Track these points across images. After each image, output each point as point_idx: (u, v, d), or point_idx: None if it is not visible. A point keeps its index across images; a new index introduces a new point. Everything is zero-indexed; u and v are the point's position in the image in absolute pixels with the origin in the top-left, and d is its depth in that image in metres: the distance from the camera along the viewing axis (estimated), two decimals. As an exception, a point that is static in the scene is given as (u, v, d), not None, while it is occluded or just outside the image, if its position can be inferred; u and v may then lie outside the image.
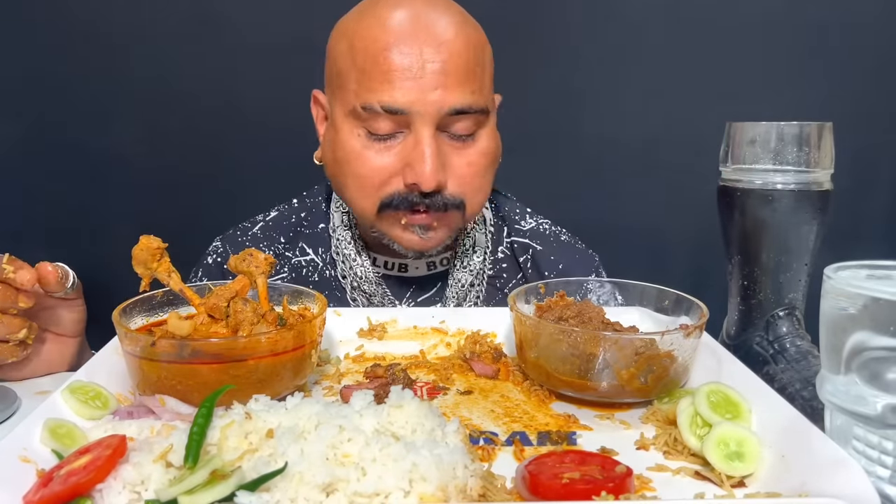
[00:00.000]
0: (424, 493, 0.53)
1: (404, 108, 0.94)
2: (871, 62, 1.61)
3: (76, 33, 1.54)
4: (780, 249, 0.89)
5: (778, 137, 0.87)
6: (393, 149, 0.98)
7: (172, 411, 0.67)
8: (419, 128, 0.96)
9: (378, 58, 0.95)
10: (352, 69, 0.98)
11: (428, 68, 0.94)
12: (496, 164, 1.06)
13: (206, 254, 1.19)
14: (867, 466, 0.62)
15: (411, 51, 0.94)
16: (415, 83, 0.94)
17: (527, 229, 1.23)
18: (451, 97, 0.95)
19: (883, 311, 0.59)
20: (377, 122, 0.97)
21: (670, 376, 0.76)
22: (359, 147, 0.99)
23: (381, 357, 0.91)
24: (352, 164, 1.00)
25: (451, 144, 1.00)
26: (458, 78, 0.95)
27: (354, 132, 0.99)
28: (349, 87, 0.98)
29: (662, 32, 1.59)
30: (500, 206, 1.26)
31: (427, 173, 0.95)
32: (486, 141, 1.02)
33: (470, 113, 0.97)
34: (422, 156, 0.95)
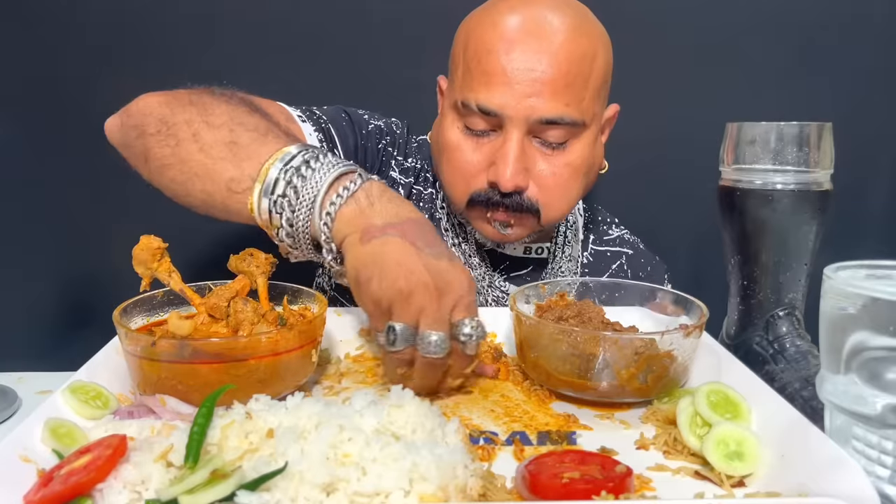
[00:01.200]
0: (424, 492, 0.53)
1: (497, 110, 0.98)
2: (870, 62, 1.61)
3: (76, 33, 1.55)
4: (780, 249, 0.89)
5: (778, 137, 0.87)
6: (485, 146, 1.03)
7: (173, 411, 0.67)
8: (509, 130, 0.99)
9: (482, 58, 0.99)
10: (461, 63, 1.03)
11: (526, 76, 0.97)
12: (587, 175, 1.08)
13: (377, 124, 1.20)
14: (867, 466, 0.62)
15: (514, 57, 0.97)
16: (510, 89, 0.97)
17: (615, 237, 1.31)
18: (544, 107, 0.98)
19: (883, 311, 0.59)
20: (473, 119, 1.02)
21: (670, 376, 0.76)
22: (456, 140, 1.05)
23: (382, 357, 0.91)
24: (449, 154, 1.06)
25: (541, 150, 1.02)
26: (554, 89, 0.97)
27: (455, 125, 1.05)
28: (456, 80, 1.05)
29: (662, 32, 1.59)
30: (593, 214, 1.32)
31: (507, 175, 0.99)
32: (577, 152, 1.04)
33: (561, 124, 0.99)
34: (505, 157, 1.00)
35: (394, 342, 0.72)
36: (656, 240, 1.47)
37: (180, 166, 0.85)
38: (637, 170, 1.59)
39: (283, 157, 0.79)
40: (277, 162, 0.78)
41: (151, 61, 1.56)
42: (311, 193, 0.77)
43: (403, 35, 1.56)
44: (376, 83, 1.56)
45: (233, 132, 0.84)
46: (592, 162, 1.09)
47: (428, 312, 0.72)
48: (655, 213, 1.61)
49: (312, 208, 0.77)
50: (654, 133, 1.58)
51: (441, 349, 0.72)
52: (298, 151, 0.79)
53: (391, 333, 0.72)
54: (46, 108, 1.57)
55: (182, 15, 1.56)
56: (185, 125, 0.86)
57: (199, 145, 0.84)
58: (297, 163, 0.78)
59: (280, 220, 0.78)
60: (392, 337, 0.72)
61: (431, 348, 0.72)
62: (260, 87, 1.43)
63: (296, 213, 0.77)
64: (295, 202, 0.77)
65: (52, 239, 1.62)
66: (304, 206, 0.77)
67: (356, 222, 0.76)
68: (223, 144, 0.83)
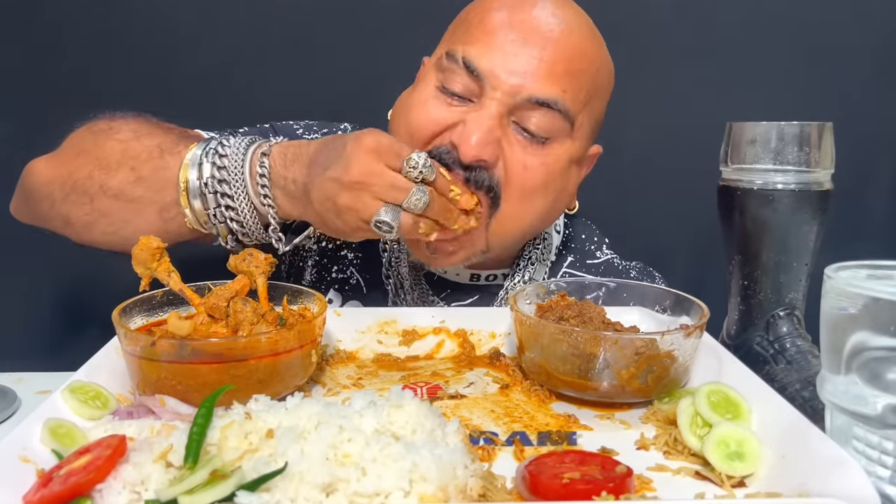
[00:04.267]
0: (424, 493, 0.53)
1: (483, 73, 0.89)
2: (871, 62, 1.61)
3: (76, 32, 1.54)
4: (781, 249, 0.89)
5: (778, 137, 0.87)
6: (455, 110, 0.92)
7: (172, 411, 0.67)
8: (488, 102, 0.89)
9: (487, 20, 0.92)
10: (463, 21, 0.97)
11: (527, 50, 0.89)
12: (556, 195, 0.97)
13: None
14: (867, 466, 0.62)
15: (521, 29, 0.90)
16: (504, 54, 0.89)
17: (600, 262, 1.18)
18: (535, 85, 0.89)
19: (883, 311, 0.59)
20: (453, 76, 0.92)
21: (670, 376, 0.76)
22: (427, 96, 0.94)
23: (382, 357, 0.91)
24: (413, 110, 0.95)
25: (518, 139, 0.92)
26: (551, 70, 0.90)
27: (431, 83, 0.95)
28: (450, 37, 0.97)
29: (662, 32, 1.59)
30: (577, 234, 1.20)
31: (473, 139, 0.88)
32: (556, 156, 0.93)
33: (550, 108, 0.90)
34: (475, 121, 0.89)
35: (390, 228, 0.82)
36: (656, 240, 1.48)
37: (105, 220, 0.90)
38: (637, 170, 1.59)
39: (191, 163, 0.87)
40: (190, 170, 0.87)
41: (151, 61, 1.56)
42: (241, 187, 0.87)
43: (392, 36, 1.56)
44: (363, 84, 1.55)
45: (134, 169, 0.89)
46: (566, 183, 0.98)
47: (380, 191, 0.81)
48: (655, 214, 1.61)
49: (249, 200, 0.87)
50: (654, 133, 1.58)
51: (422, 194, 0.82)
52: (201, 151, 0.88)
53: (382, 227, 0.82)
54: (46, 108, 1.57)
55: (181, 15, 1.55)
56: (87, 180, 0.89)
57: (112, 194, 0.89)
58: (207, 172, 0.87)
59: (222, 214, 0.87)
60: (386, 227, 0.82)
61: (416, 202, 0.82)
62: (256, 88, 1.43)
63: (239, 206, 0.87)
64: (233, 199, 0.86)
65: (52, 239, 1.61)
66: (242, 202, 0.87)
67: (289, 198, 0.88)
68: (131, 185, 0.88)
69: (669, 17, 1.59)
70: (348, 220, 0.83)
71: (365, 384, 0.83)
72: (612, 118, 1.14)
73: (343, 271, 1.15)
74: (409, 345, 0.93)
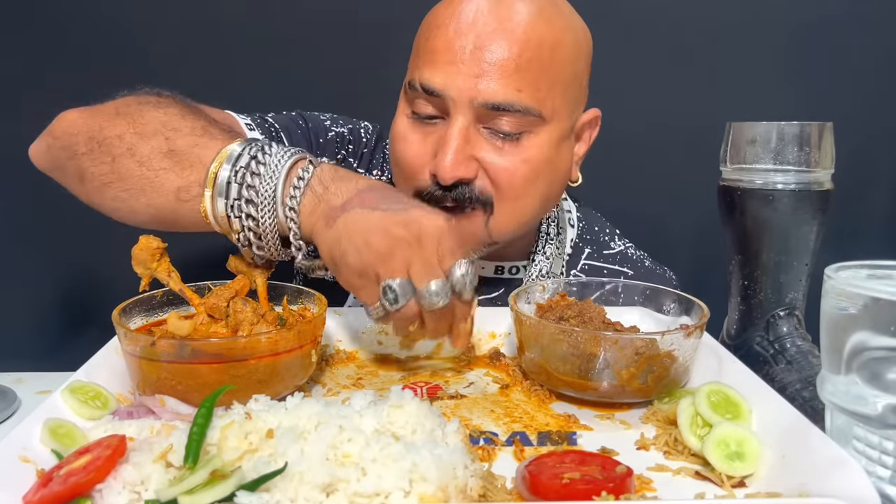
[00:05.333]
0: (424, 493, 0.53)
1: (440, 90, 0.90)
2: (871, 62, 1.61)
3: (76, 32, 1.54)
4: (781, 249, 0.89)
5: (778, 137, 0.87)
6: (431, 136, 0.94)
7: (172, 411, 0.67)
8: (453, 115, 0.90)
9: (430, 34, 0.92)
10: (415, 47, 0.97)
11: (473, 55, 0.89)
12: (548, 181, 0.97)
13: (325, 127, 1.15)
14: (867, 466, 0.62)
15: (464, 34, 0.89)
16: (455, 67, 0.89)
17: (616, 252, 1.19)
18: (489, 90, 0.88)
19: (883, 311, 0.59)
20: (419, 102, 0.93)
21: (671, 376, 0.76)
22: (402, 129, 0.96)
23: (382, 357, 0.91)
24: (396, 146, 0.97)
25: (493, 143, 0.92)
26: (503, 71, 0.88)
27: (403, 113, 0.97)
28: (410, 65, 0.97)
29: (662, 32, 1.59)
30: (590, 226, 1.21)
31: (445, 163, 0.89)
32: (534, 149, 0.93)
33: (511, 111, 0.89)
34: (445, 145, 0.90)
35: (395, 300, 0.70)
36: (656, 240, 1.47)
37: (121, 183, 0.81)
38: (637, 170, 1.59)
39: (229, 157, 0.76)
40: (225, 163, 0.76)
41: (151, 61, 1.56)
42: (270, 191, 0.75)
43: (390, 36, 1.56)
44: (362, 84, 1.55)
45: (168, 140, 0.81)
46: (556, 166, 0.97)
47: (416, 263, 0.71)
48: (655, 213, 1.61)
49: (275, 207, 0.75)
50: (654, 133, 1.58)
51: (444, 295, 0.71)
52: (243, 148, 0.77)
53: (389, 293, 0.70)
54: (46, 108, 1.57)
55: (180, 15, 1.55)
56: (117, 140, 0.82)
57: (137, 159, 0.80)
58: (244, 161, 0.76)
59: (240, 223, 0.76)
60: (392, 295, 0.70)
61: (434, 298, 0.71)
62: (255, 87, 1.42)
63: (261, 213, 0.76)
64: (257, 201, 0.75)
65: (52, 239, 1.62)
66: (266, 206, 0.76)
67: (317, 211, 0.75)
68: (161, 155, 0.80)
69: (669, 16, 1.59)
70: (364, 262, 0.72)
71: (365, 384, 0.83)
72: (613, 118, 1.14)
73: None
74: (408, 346, 0.93)
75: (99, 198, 0.84)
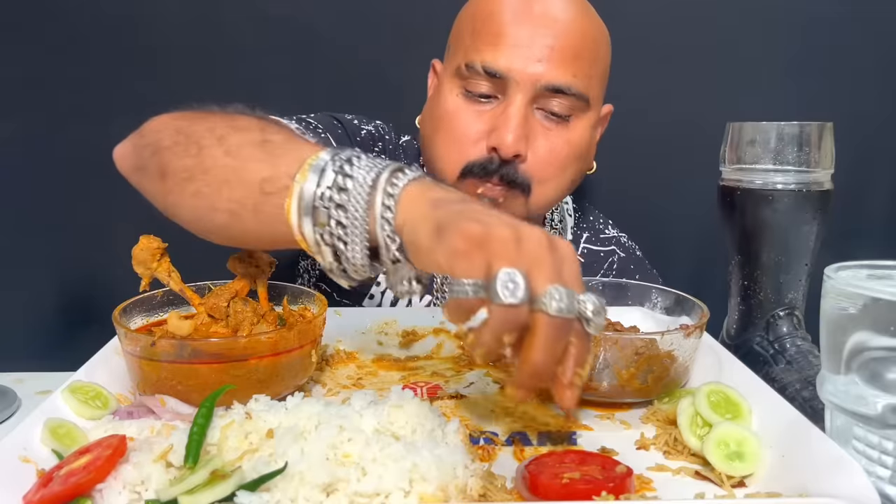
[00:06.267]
0: (424, 493, 0.53)
1: (503, 72, 0.97)
2: (871, 62, 1.60)
3: (76, 32, 1.54)
4: (780, 249, 0.89)
5: (778, 137, 0.87)
6: (485, 113, 1.00)
7: (172, 411, 0.67)
8: (513, 95, 0.97)
9: (494, 21, 0.99)
10: (467, 30, 1.02)
11: (537, 41, 0.97)
12: (581, 163, 1.06)
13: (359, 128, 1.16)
14: (867, 466, 0.62)
15: (526, 21, 0.97)
16: (519, 51, 0.97)
17: (610, 236, 1.27)
18: (552, 73, 0.97)
19: (883, 311, 0.59)
20: (476, 82, 0.99)
21: (671, 376, 0.76)
22: (455, 106, 1.02)
23: (382, 357, 0.91)
24: (445, 121, 1.02)
25: (543, 125, 1.00)
26: (563, 57, 0.97)
27: (454, 91, 1.02)
28: (461, 48, 1.02)
29: (661, 32, 1.58)
30: (585, 215, 1.29)
31: (508, 138, 0.96)
32: (578, 131, 1.03)
33: (567, 94, 0.98)
34: (507, 121, 0.97)
35: (514, 291, 0.52)
36: (656, 239, 1.47)
37: (204, 176, 0.71)
38: (637, 169, 1.59)
39: (327, 152, 0.65)
40: (324, 153, 0.65)
41: (150, 61, 1.56)
42: (370, 177, 0.62)
43: (393, 32, 1.56)
44: (365, 81, 1.55)
45: (263, 132, 0.72)
46: (588, 151, 1.07)
47: (544, 262, 0.55)
48: (655, 213, 1.61)
49: (375, 189, 0.61)
50: (654, 133, 1.58)
51: (568, 308, 0.53)
52: (341, 149, 0.67)
53: (510, 281, 0.52)
54: (46, 108, 1.57)
55: (181, 15, 1.55)
56: (208, 132, 0.73)
57: (225, 148, 0.71)
58: (345, 156, 0.64)
59: (327, 214, 0.62)
60: (512, 285, 0.52)
61: (563, 302, 0.53)
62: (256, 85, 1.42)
63: (351, 200, 0.61)
64: (352, 188, 0.62)
65: (53, 239, 1.62)
66: (360, 192, 0.62)
67: (422, 199, 0.60)
68: (253, 144, 0.70)
69: (669, 16, 1.59)
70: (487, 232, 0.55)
71: (365, 384, 0.83)
72: (612, 118, 1.14)
73: None
74: (408, 345, 0.93)
75: (179, 195, 0.73)
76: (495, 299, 0.52)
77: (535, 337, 0.54)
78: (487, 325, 0.54)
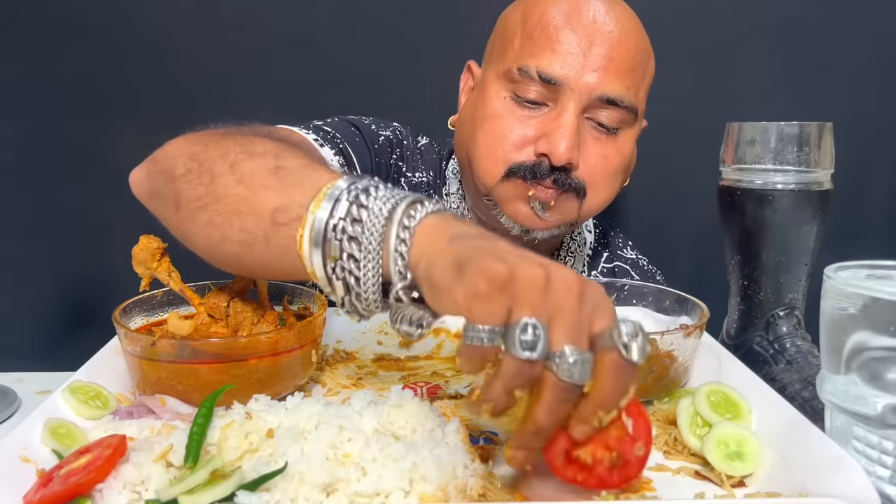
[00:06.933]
0: (424, 493, 0.53)
1: (559, 79, 0.95)
2: (871, 62, 1.60)
3: (76, 32, 1.54)
4: (780, 249, 0.89)
5: (778, 137, 0.87)
6: (534, 119, 0.98)
7: (172, 411, 0.67)
8: (566, 102, 0.96)
9: (549, 27, 0.97)
10: (519, 34, 1.00)
11: (594, 50, 0.95)
12: (625, 173, 1.05)
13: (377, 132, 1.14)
14: (867, 466, 0.62)
15: (583, 30, 0.96)
16: (576, 59, 0.95)
17: (628, 258, 1.26)
18: (607, 83, 0.96)
19: (883, 311, 0.59)
20: (527, 87, 0.97)
21: (670, 376, 0.76)
22: (502, 109, 1.00)
23: (382, 357, 0.91)
24: (490, 122, 1.00)
25: (592, 134, 0.99)
26: (619, 68, 0.96)
27: (501, 94, 1.00)
28: (510, 51, 1.00)
29: (661, 32, 1.58)
30: (605, 231, 1.28)
31: (562, 146, 0.94)
32: (628, 142, 1.02)
33: (619, 106, 0.97)
34: (560, 128, 0.95)
35: (532, 346, 0.49)
36: (656, 239, 1.47)
37: (216, 205, 0.68)
38: (637, 170, 1.59)
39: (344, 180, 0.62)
40: (341, 181, 0.61)
41: (150, 62, 1.56)
42: (386, 208, 0.58)
43: (407, 34, 1.56)
44: (380, 82, 1.55)
45: (278, 158, 0.69)
46: (632, 163, 1.07)
47: (568, 314, 0.50)
48: (655, 214, 1.61)
49: (390, 221, 0.58)
50: (654, 133, 1.58)
51: (585, 373, 0.50)
52: (360, 177, 0.63)
53: (529, 332, 0.48)
54: (46, 108, 1.57)
55: (182, 12, 1.55)
56: (221, 158, 0.71)
57: (238, 176, 0.68)
58: (362, 185, 0.61)
59: (339, 247, 0.59)
60: (531, 339, 0.48)
61: (575, 371, 0.49)
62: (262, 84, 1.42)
63: (364, 232, 0.58)
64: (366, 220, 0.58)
65: (52, 239, 1.62)
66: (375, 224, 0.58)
67: (440, 233, 0.57)
68: (266, 171, 0.67)
69: (669, 16, 1.59)
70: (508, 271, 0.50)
71: (365, 384, 0.83)
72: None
73: None
74: (408, 345, 0.93)
75: (192, 225, 0.71)
76: (512, 350, 0.49)
77: (539, 397, 0.51)
78: (499, 375, 0.51)
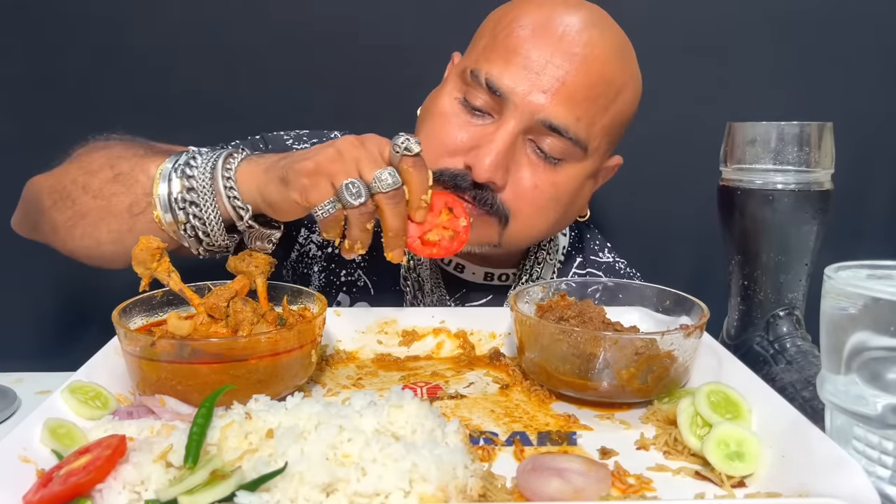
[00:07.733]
0: (424, 493, 0.53)
1: (505, 92, 0.90)
2: (871, 62, 1.60)
3: (76, 32, 1.54)
4: (780, 249, 0.89)
5: (778, 137, 0.87)
6: (473, 128, 0.94)
7: (172, 411, 0.67)
8: (507, 118, 0.90)
9: (512, 35, 0.92)
10: (487, 36, 0.96)
11: (549, 70, 0.89)
12: (566, 209, 0.99)
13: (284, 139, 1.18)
14: (867, 466, 0.62)
15: (546, 47, 0.90)
16: (528, 76, 0.90)
17: (603, 261, 1.21)
18: (552, 108, 0.90)
19: (883, 311, 0.59)
20: (475, 92, 0.93)
21: (670, 376, 0.76)
22: (449, 110, 0.96)
23: (382, 357, 0.91)
24: (432, 120, 0.97)
25: (530, 158, 0.93)
26: (571, 96, 0.90)
27: (454, 94, 0.97)
28: (474, 51, 0.98)
29: (661, 32, 1.58)
30: (581, 235, 1.23)
31: (486, 161, 0.89)
32: (567, 177, 0.95)
33: (564, 136, 0.91)
34: (491, 143, 0.90)
35: (358, 193, 0.76)
36: (657, 239, 1.47)
37: (83, 221, 0.88)
38: (637, 170, 1.59)
39: (169, 160, 0.85)
40: (167, 163, 0.85)
41: (150, 62, 1.56)
42: (208, 170, 0.83)
43: (407, 33, 1.56)
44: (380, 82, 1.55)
45: (113, 167, 0.89)
46: (576, 200, 1.00)
47: (364, 159, 0.78)
48: (656, 213, 1.61)
49: (214, 178, 0.83)
50: (654, 133, 1.58)
51: (396, 179, 0.77)
52: (180, 154, 0.86)
53: (352, 187, 0.76)
54: (46, 108, 1.57)
55: (180, 17, 1.55)
56: (72, 184, 0.90)
57: (91, 194, 0.88)
58: (183, 160, 0.85)
59: (185, 213, 0.83)
60: (355, 189, 0.76)
61: (389, 180, 0.77)
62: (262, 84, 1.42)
63: (200, 197, 0.83)
64: (197, 187, 0.83)
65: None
66: (204, 184, 0.83)
67: (255, 169, 0.83)
68: (109, 182, 0.87)
69: (669, 16, 1.59)
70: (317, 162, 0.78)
71: (365, 384, 0.83)
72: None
73: (351, 274, 1.16)
74: (408, 345, 0.93)
75: (71, 242, 0.90)
76: (348, 205, 0.76)
77: (383, 212, 0.78)
78: (351, 224, 0.78)
